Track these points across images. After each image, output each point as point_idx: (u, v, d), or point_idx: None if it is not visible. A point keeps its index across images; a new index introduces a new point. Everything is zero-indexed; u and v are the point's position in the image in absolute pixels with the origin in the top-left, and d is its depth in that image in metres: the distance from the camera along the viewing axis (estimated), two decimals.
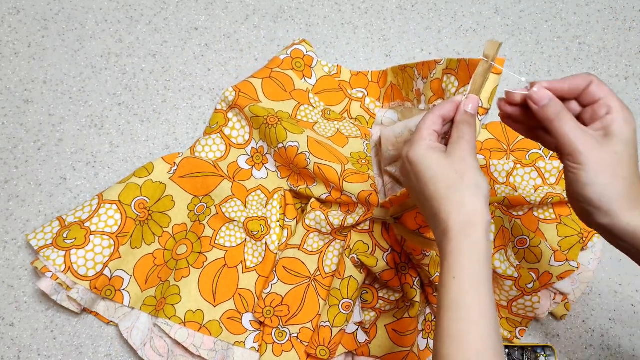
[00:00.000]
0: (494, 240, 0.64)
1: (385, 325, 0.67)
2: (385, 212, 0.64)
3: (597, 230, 0.44)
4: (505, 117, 0.49)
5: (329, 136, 0.73)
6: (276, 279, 0.66)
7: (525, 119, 0.47)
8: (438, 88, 0.61)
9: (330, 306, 0.64)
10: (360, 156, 0.71)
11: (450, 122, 0.48)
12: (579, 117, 0.45)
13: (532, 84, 0.45)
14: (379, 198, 0.65)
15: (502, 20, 0.87)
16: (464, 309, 0.40)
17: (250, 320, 0.67)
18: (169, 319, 0.63)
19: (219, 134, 0.73)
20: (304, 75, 0.77)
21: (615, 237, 0.43)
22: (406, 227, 0.64)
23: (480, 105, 0.49)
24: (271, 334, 0.65)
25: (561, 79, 0.45)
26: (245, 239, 0.69)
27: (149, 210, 0.68)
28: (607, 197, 0.41)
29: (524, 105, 0.46)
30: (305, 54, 0.78)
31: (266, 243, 0.68)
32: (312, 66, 0.78)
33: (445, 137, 0.50)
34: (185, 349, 0.64)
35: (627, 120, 0.42)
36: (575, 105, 0.45)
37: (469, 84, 0.51)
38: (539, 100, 0.44)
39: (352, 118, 0.78)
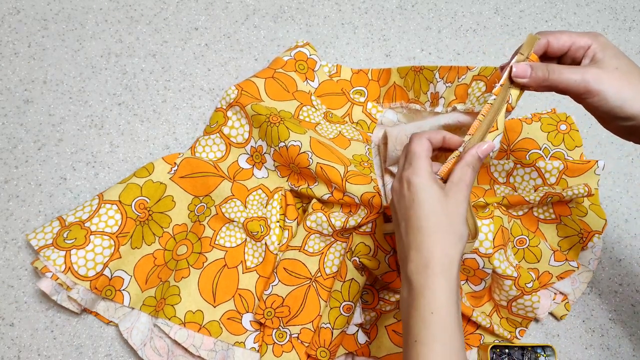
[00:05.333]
0: (493, 239, 0.64)
1: (385, 326, 0.67)
2: None
3: None
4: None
5: (331, 137, 0.73)
6: (277, 280, 0.66)
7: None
8: (463, 93, 0.61)
9: (331, 308, 0.64)
10: (363, 159, 0.71)
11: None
12: None
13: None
14: (382, 200, 0.65)
15: (502, 20, 0.87)
16: (449, 342, 0.42)
17: (250, 321, 0.67)
18: (169, 319, 0.63)
19: (218, 134, 0.73)
20: (306, 78, 0.77)
21: None
22: None
23: (509, 102, 0.49)
24: (271, 335, 0.65)
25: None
26: (245, 239, 0.69)
27: (149, 211, 0.68)
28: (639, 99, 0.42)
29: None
30: (308, 56, 0.77)
31: (266, 243, 0.68)
32: (315, 69, 0.78)
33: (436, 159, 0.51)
34: (185, 350, 0.64)
35: (605, 43, 0.44)
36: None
37: (491, 91, 0.51)
38: (523, 73, 0.46)
39: (353, 122, 0.78)
